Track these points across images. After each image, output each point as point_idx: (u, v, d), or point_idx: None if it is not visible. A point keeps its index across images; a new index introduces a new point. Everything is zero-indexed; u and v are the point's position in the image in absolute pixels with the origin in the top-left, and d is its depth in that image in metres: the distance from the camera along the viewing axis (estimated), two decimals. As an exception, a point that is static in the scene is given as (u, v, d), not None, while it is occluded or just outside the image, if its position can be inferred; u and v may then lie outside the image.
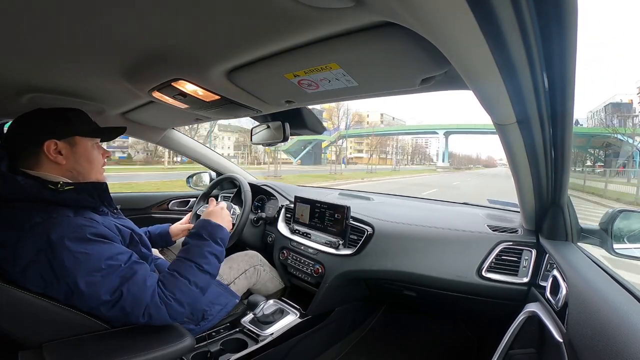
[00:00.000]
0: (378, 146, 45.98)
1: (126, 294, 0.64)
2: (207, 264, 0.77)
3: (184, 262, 0.76)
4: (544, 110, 0.57)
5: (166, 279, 0.71)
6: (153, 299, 0.67)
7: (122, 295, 0.64)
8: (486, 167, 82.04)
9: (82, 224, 0.66)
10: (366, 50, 0.53)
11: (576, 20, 0.37)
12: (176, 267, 0.75)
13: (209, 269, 0.77)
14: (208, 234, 0.82)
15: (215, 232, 0.84)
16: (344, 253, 1.19)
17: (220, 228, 0.86)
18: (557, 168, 0.73)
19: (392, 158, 50.34)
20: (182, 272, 0.73)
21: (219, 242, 0.83)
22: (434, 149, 79.24)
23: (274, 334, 1.09)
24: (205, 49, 0.59)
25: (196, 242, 0.81)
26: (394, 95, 0.76)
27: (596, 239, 0.85)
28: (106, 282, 0.63)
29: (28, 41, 0.55)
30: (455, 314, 1.44)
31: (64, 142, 0.73)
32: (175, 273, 0.73)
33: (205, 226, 0.85)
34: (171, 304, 0.68)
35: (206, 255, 0.78)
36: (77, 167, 0.75)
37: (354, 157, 57.32)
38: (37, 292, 0.62)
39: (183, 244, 0.82)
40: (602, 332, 0.48)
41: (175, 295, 0.69)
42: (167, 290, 0.69)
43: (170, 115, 1.20)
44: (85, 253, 0.63)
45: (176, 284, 0.71)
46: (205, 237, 0.82)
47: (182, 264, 0.75)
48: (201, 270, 0.75)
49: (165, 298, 0.68)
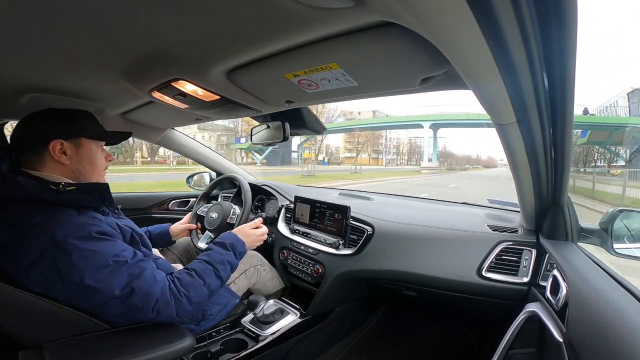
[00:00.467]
0: (367, 145, 42.73)
1: (137, 289, 0.66)
2: (224, 270, 0.84)
3: (203, 264, 0.82)
4: (544, 109, 0.57)
5: (183, 276, 0.76)
6: (163, 294, 0.69)
7: (133, 291, 0.65)
8: (486, 168, 79.32)
9: (86, 222, 0.67)
10: (366, 50, 0.53)
11: (576, 20, 0.37)
12: (195, 267, 0.80)
13: (224, 275, 0.84)
14: (231, 246, 0.90)
15: (238, 246, 0.92)
16: (344, 253, 1.19)
17: (243, 245, 0.94)
18: (557, 168, 0.73)
19: (384, 158, 48.28)
20: (199, 273, 0.78)
21: (237, 255, 0.91)
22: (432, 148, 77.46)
23: (274, 334, 1.09)
24: (205, 49, 0.59)
25: (219, 250, 0.88)
26: (394, 95, 0.76)
27: (596, 238, 0.85)
28: (115, 278, 0.64)
29: (28, 41, 0.55)
30: (455, 314, 1.44)
31: (70, 142, 0.74)
32: (193, 272, 0.78)
33: (231, 239, 0.93)
34: (182, 300, 0.71)
35: (225, 263, 0.85)
36: (80, 168, 0.76)
37: (345, 156, 52.10)
38: (38, 293, 0.62)
39: (206, 249, 0.90)
40: (602, 331, 0.48)
41: (188, 292, 0.73)
42: (182, 286, 0.73)
43: (170, 116, 1.20)
44: (93, 250, 0.64)
45: (192, 282, 0.76)
46: (228, 248, 0.89)
47: (201, 265, 0.81)
48: (217, 275, 0.82)
49: (177, 294, 0.71)
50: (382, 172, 27.83)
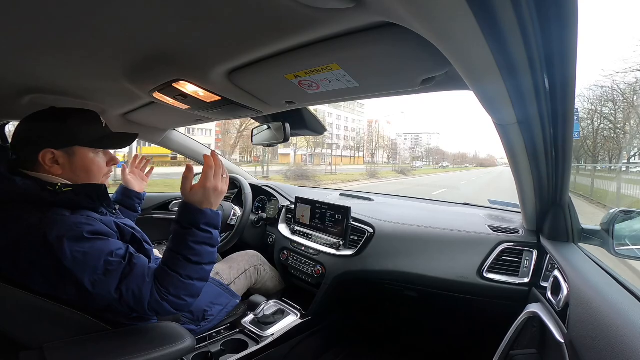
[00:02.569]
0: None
1: (125, 291, 0.63)
2: (195, 255, 0.69)
3: (171, 254, 0.69)
4: (545, 110, 0.57)
5: (160, 274, 0.67)
6: (153, 296, 0.65)
7: (122, 294, 0.63)
8: (481, 167, 76.72)
9: (78, 222, 0.64)
10: (367, 51, 0.53)
11: (576, 20, 0.37)
12: (166, 260, 0.69)
13: (199, 259, 0.69)
14: (188, 222, 0.70)
15: (197, 218, 0.70)
16: (345, 254, 1.19)
17: (201, 213, 0.71)
18: (558, 168, 0.73)
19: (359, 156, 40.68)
20: (171, 267, 0.68)
21: (203, 228, 0.70)
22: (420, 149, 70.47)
23: (274, 334, 1.09)
24: (205, 50, 0.59)
25: (178, 232, 0.70)
26: (394, 96, 0.76)
27: (597, 239, 0.85)
28: (109, 279, 0.62)
29: (29, 42, 0.55)
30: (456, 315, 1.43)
31: (61, 151, 0.68)
32: (165, 268, 0.68)
33: (183, 212, 0.71)
34: (169, 298, 0.66)
35: (191, 246, 0.69)
36: (74, 178, 0.71)
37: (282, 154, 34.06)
38: (42, 293, 0.61)
39: (170, 231, 0.73)
40: (604, 332, 0.48)
41: (170, 291, 0.66)
42: (162, 286, 0.66)
43: (171, 116, 1.20)
44: (84, 252, 0.61)
45: (169, 279, 0.67)
46: (185, 226, 0.70)
47: (170, 256, 0.69)
48: (190, 262, 0.68)
49: (162, 294, 0.66)
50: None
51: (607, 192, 8.38)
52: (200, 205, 0.71)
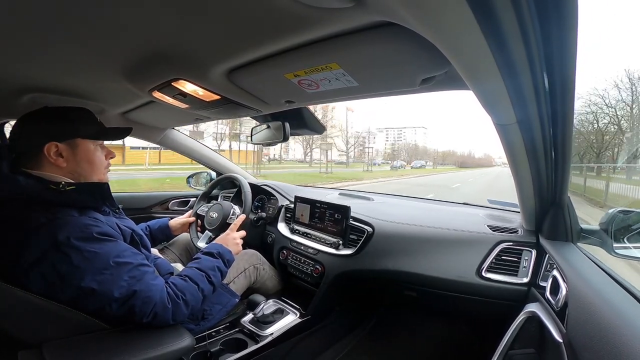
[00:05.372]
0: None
1: (137, 293, 0.66)
2: (214, 276, 0.86)
3: (194, 270, 0.84)
4: (545, 110, 0.57)
5: (177, 281, 0.78)
6: (161, 299, 0.69)
7: (134, 294, 0.65)
8: (481, 167, 67.36)
9: (87, 223, 0.66)
10: (366, 50, 0.53)
11: (576, 20, 0.37)
12: (187, 273, 0.82)
13: (215, 281, 0.86)
14: (219, 254, 0.93)
15: (225, 254, 0.95)
16: (344, 253, 1.19)
17: (229, 253, 0.97)
18: (558, 168, 0.73)
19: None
20: (192, 278, 0.80)
21: (226, 263, 0.94)
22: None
23: (273, 333, 1.09)
24: (205, 49, 0.59)
25: (208, 258, 0.90)
26: (394, 95, 0.76)
27: (596, 239, 0.85)
28: (116, 279, 0.64)
29: (28, 41, 0.55)
30: (455, 314, 1.44)
31: (64, 144, 0.72)
32: (187, 278, 0.80)
33: (218, 247, 0.96)
34: (179, 303, 0.73)
35: (215, 269, 0.88)
36: (78, 169, 0.75)
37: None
38: (37, 292, 0.62)
39: (194, 258, 0.91)
40: (602, 332, 0.48)
41: (185, 295, 0.75)
42: (178, 290, 0.75)
43: (171, 115, 1.20)
44: (94, 252, 0.64)
45: (187, 287, 0.77)
46: (216, 256, 0.92)
47: (193, 271, 0.83)
48: (209, 280, 0.84)
49: (175, 297, 0.72)
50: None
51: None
52: (226, 246, 0.99)
